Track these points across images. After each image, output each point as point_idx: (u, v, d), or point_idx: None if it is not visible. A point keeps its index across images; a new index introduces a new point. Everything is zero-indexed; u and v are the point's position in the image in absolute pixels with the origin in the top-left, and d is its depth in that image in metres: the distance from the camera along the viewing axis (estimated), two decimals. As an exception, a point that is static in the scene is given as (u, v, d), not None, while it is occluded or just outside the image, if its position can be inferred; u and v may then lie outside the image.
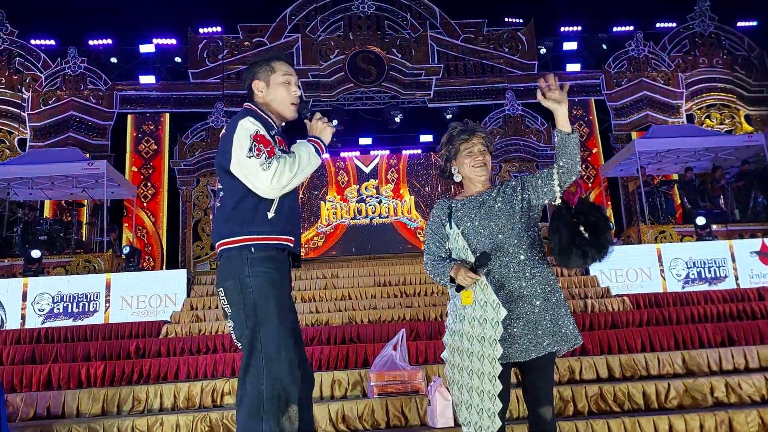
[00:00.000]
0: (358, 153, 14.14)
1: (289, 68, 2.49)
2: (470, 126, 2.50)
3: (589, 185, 13.19)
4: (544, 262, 2.37)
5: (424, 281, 8.06)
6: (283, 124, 2.53)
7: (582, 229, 2.24)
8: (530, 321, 2.26)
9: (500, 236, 2.33)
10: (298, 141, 2.39)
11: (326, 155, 2.43)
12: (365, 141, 14.49)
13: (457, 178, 2.50)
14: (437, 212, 2.48)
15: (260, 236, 2.27)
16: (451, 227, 2.40)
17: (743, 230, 9.62)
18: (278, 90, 2.43)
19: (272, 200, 2.28)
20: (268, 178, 2.19)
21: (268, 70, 2.45)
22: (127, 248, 8.96)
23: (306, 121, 2.50)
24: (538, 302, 2.28)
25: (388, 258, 11.04)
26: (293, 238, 2.36)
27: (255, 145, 2.21)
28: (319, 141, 2.37)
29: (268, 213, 2.27)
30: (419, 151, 14.09)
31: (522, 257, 2.32)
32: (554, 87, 2.24)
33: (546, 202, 2.37)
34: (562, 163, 2.27)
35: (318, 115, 2.46)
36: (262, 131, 2.26)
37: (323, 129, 2.41)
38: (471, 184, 2.48)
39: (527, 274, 2.31)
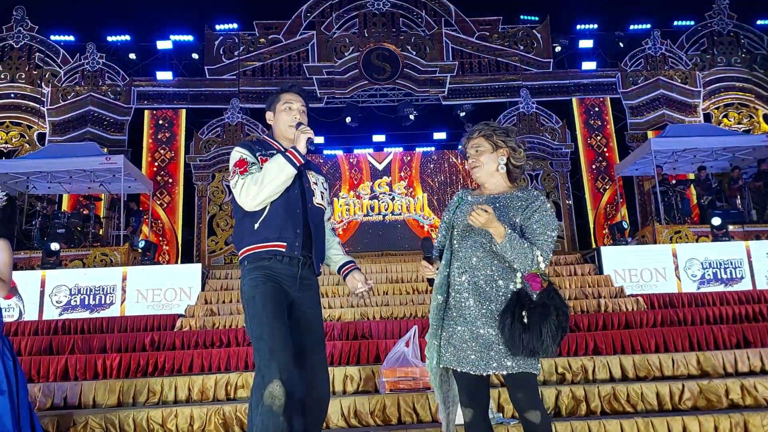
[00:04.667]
0: (371, 150, 14.15)
1: (293, 96, 2.73)
2: (474, 127, 2.50)
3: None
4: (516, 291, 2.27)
5: (437, 279, 8.05)
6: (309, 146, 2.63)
7: (525, 317, 2.13)
8: (487, 341, 2.21)
9: (479, 253, 2.30)
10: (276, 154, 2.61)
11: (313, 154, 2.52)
12: (379, 138, 14.48)
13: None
14: (452, 201, 2.52)
15: (250, 247, 2.54)
16: (450, 218, 2.45)
17: (760, 231, 9.50)
18: (280, 116, 2.72)
19: (259, 213, 2.53)
20: (238, 194, 2.51)
21: (275, 101, 2.75)
22: (143, 242, 9.05)
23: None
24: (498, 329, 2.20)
25: (401, 255, 11.05)
26: (285, 243, 2.52)
27: (234, 170, 2.56)
28: (292, 150, 2.54)
29: (255, 225, 2.53)
30: (433, 148, 14.01)
31: (496, 277, 2.27)
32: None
33: None
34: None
35: (302, 126, 2.63)
36: (245, 156, 2.59)
37: (298, 137, 2.59)
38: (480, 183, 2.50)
39: (498, 297, 2.25)
